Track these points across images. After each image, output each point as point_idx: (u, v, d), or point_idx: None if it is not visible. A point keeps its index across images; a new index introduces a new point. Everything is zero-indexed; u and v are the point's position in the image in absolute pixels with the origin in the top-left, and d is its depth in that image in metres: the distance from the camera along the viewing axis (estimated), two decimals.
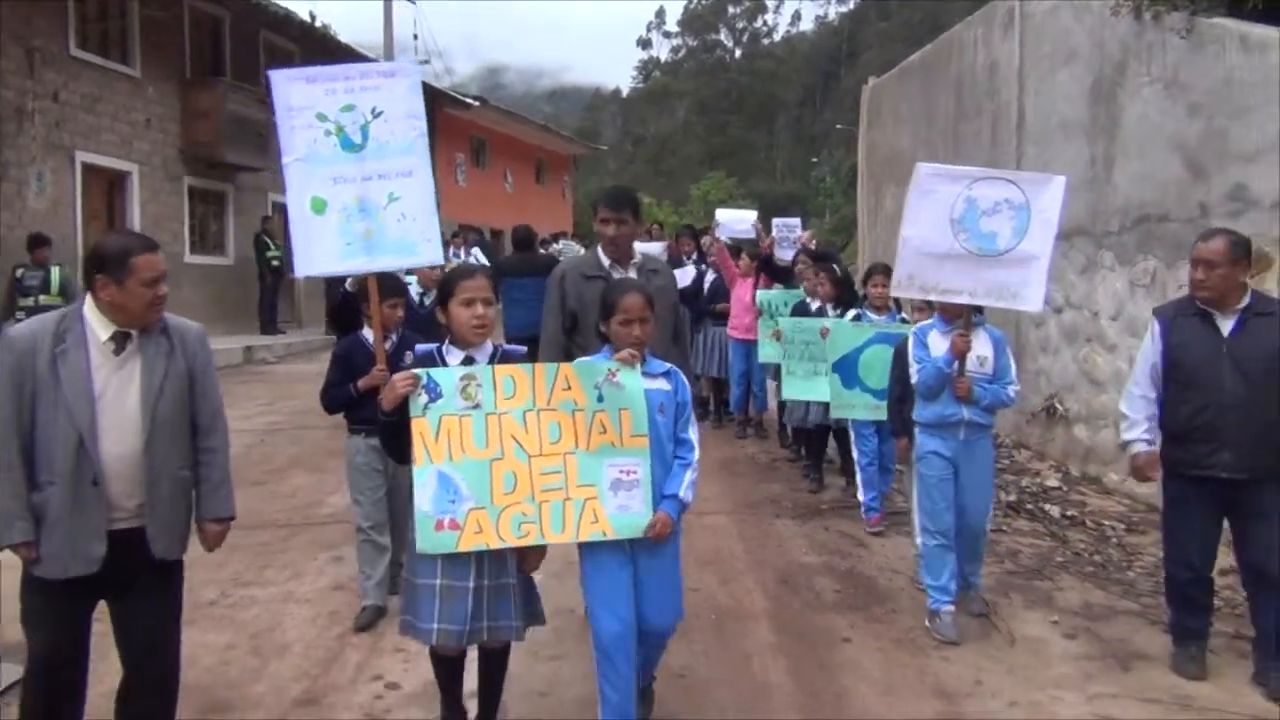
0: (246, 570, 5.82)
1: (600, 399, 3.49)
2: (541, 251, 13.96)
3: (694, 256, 10.90)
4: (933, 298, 5.12)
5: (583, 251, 25.76)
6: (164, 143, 16.28)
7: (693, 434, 3.70)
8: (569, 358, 4.24)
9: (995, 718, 4.13)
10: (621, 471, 3.50)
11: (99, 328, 3.22)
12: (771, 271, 9.33)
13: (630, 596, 3.56)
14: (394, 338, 5.01)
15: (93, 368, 3.20)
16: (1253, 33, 6.30)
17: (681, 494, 3.59)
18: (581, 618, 4.22)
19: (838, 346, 6.85)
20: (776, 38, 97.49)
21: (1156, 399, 4.53)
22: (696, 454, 3.68)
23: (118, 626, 3.38)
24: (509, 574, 3.48)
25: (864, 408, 6.74)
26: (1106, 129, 7.85)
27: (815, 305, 7.85)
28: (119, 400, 3.24)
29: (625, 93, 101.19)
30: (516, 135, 33.70)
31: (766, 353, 8.70)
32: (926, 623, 5.04)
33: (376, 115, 4.32)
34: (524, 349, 3.83)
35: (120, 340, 3.24)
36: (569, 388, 3.48)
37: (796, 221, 11.71)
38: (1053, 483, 8.00)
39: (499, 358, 3.60)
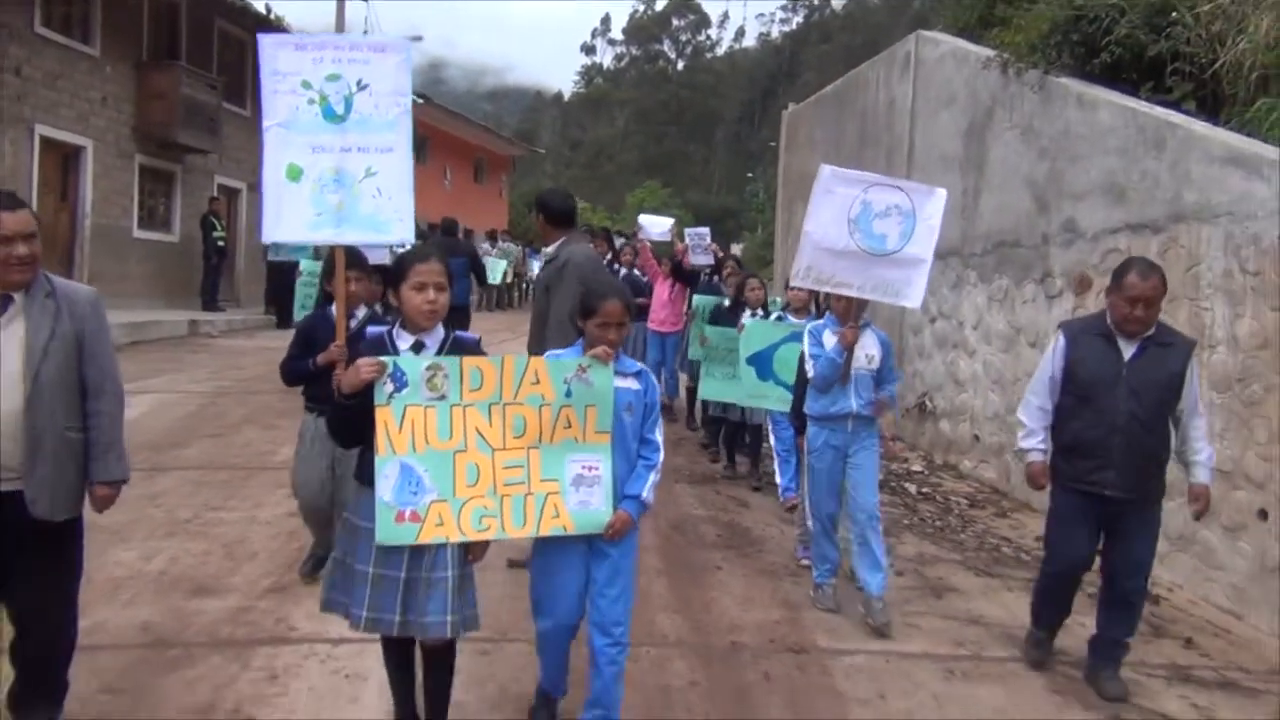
0: (213, 499, 6.73)
1: (568, 394, 3.49)
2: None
3: (607, 256, 11.91)
4: (826, 289, 5.46)
5: (515, 249, 26.31)
6: (119, 121, 16.91)
7: (658, 435, 3.72)
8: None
9: (823, 620, 5.27)
10: (584, 467, 3.51)
11: None
12: (680, 276, 10.41)
13: (577, 590, 3.62)
14: (358, 314, 4.99)
15: None
16: (1087, 93, 7.57)
17: (644, 495, 3.62)
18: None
19: (752, 343, 7.49)
20: (720, 52, 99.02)
21: (1053, 410, 4.71)
22: (661, 456, 3.71)
23: (9, 588, 3.37)
24: (443, 568, 3.37)
25: (777, 399, 7.31)
26: (976, 165, 9.11)
27: (747, 311, 8.42)
28: (1, 363, 3.23)
29: (567, 96, 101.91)
30: (458, 134, 34.49)
31: (696, 351, 9.58)
32: (810, 593, 5.56)
33: (361, 88, 4.26)
34: (477, 336, 3.79)
35: (1, 303, 3.26)
36: (537, 382, 3.47)
37: (706, 231, 12.65)
38: (917, 468, 9.24)
39: (451, 343, 3.52)
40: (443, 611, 3.33)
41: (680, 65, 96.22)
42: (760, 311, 8.27)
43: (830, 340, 5.45)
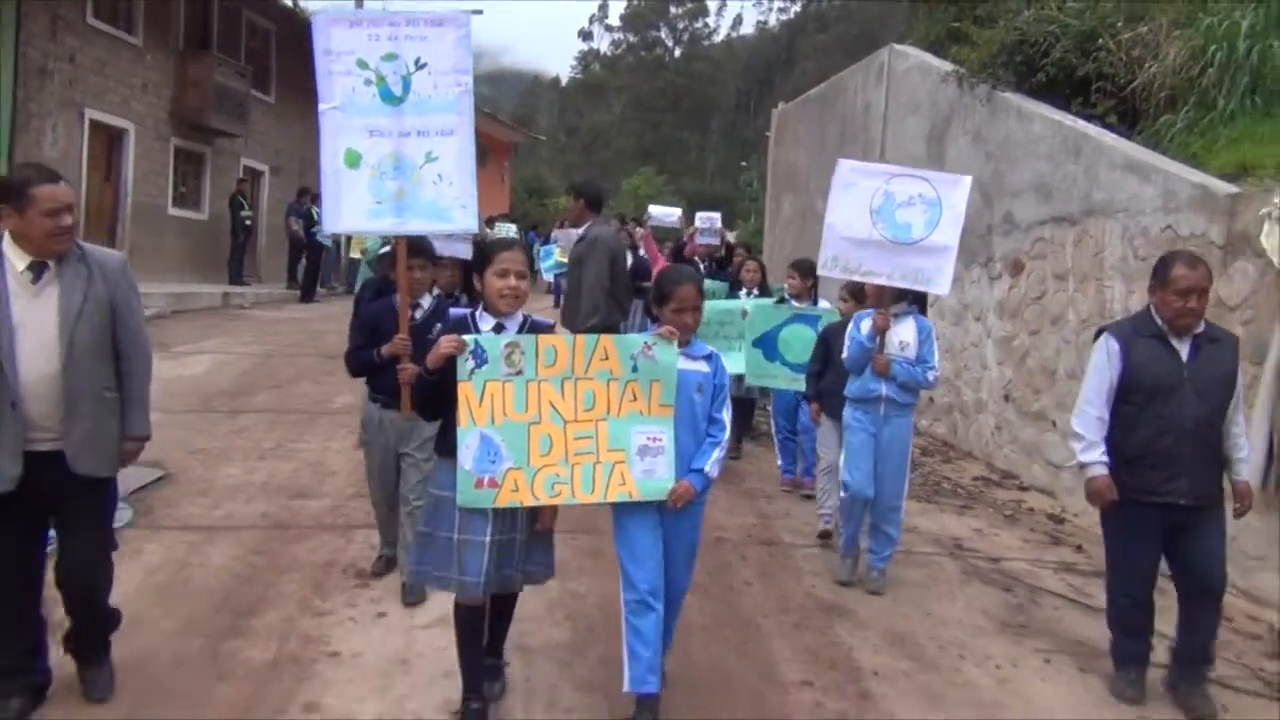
0: (289, 434, 8.10)
1: (635, 369, 3.66)
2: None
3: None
4: (855, 278, 5.61)
5: (515, 231, 27.53)
6: (157, 105, 18.20)
7: (726, 415, 3.89)
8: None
9: (790, 525, 6.69)
10: (648, 438, 3.67)
11: (15, 259, 3.38)
12: (680, 262, 11.67)
13: (657, 556, 3.79)
14: (423, 303, 4.85)
15: (10, 297, 3.34)
16: (1024, 105, 8.97)
17: (707, 469, 3.79)
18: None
19: (757, 325, 7.78)
20: (717, 39, 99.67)
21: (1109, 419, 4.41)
22: (727, 434, 3.89)
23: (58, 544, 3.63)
24: (511, 531, 3.64)
25: (783, 379, 7.63)
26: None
27: (743, 291, 9.25)
28: (37, 327, 3.35)
29: (564, 82, 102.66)
30: None
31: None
32: (838, 565, 5.75)
33: (420, 67, 4.11)
34: (551, 321, 3.87)
35: (37, 270, 3.38)
36: (606, 358, 3.64)
37: (717, 215, 13.90)
38: None
39: (528, 327, 3.71)
40: (513, 567, 3.68)
41: (677, 53, 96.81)
42: (755, 291, 8.88)
43: (867, 327, 5.54)
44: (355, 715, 3.78)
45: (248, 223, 19.41)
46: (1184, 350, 4.27)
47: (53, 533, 3.71)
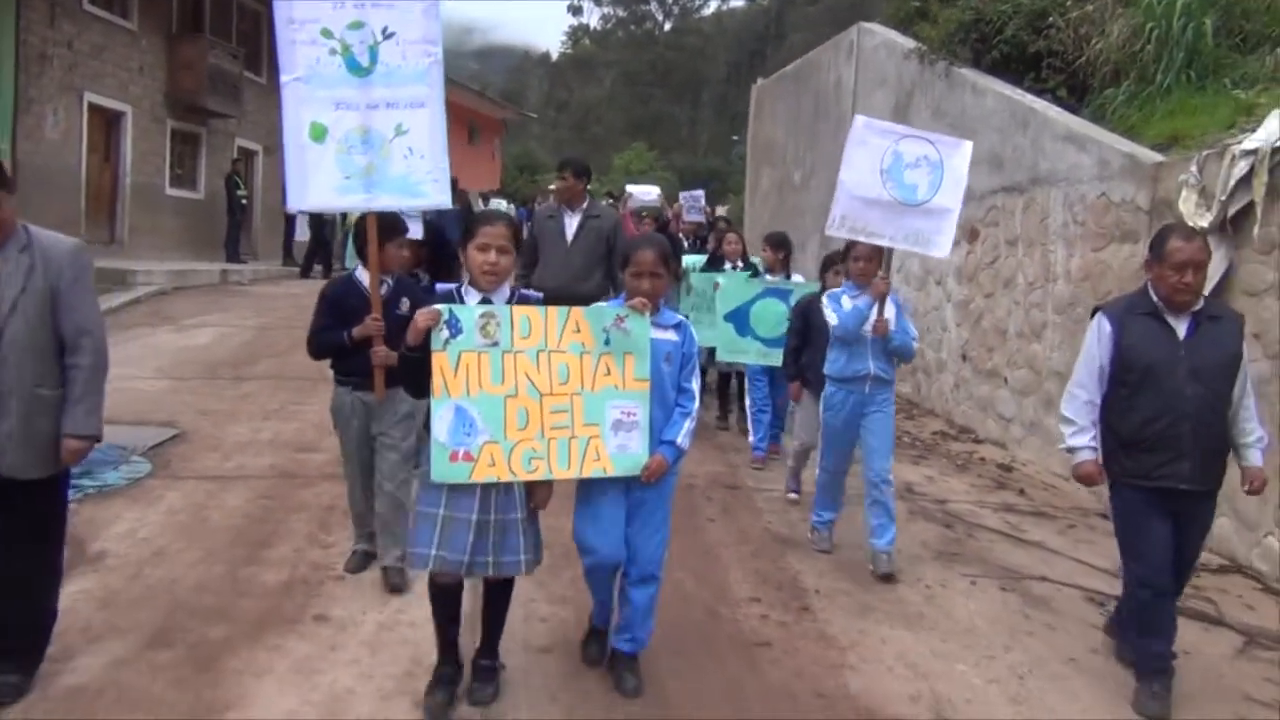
0: (292, 398, 8.67)
1: (607, 343, 3.60)
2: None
3: None
4: (860, 238, 5.37)
5: (511, 208, 28.05)
6: (153, 88, 18.66)
7: (695, 385, 3.84)
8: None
9: (754, 474, 7.28)
10: (623, 413, 3.61)
11: None
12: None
13: (618, 534, 3.78)
14: (389, 281, 4.64)
15: None
16: (979, 81, 9.51)
17: (679, 441, 3.75)
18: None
19: (729, 299, 7.83)
20: (707, 12, 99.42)
21: (1101, 403, 4.22)
22: (696, 404, 3.83)
23: None
24: (513, 510, 3.54)
25: (755, 354, 7.68)
26: None
27: (728, 265, 9.29)
28: None
29: (554, 57, 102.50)
30: (453, 98, 35.99)
31: (685, 305, 9.65)
32: (809, 535, 5.89)
33: (387, 36, 3.95)
34: (540, 294, 3.81)
35: None
36: (579, 330, 3.57)
37: (700, 193, 14.43)
38: None
39: (515, 302, 3.62)
40: (517, 551, 3.55)
41: (667, 26, 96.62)
42: (740, 264, 8.91)
43: (847, 304, 5.50)
44: (359, 622, 4.37)
45: (243, 201, 19.91)
46: (1181, 328, 4.06)
47: None
